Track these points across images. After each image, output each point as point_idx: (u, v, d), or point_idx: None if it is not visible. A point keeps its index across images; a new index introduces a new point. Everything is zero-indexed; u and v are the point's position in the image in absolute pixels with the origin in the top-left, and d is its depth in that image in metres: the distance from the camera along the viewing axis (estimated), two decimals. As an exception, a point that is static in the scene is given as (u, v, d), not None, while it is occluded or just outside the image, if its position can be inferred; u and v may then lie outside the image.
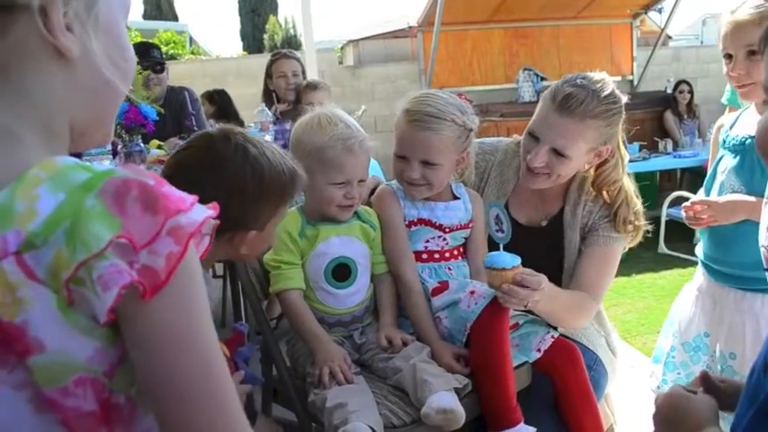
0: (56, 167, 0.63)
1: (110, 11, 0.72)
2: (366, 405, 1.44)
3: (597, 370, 1.81)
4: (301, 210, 1.70)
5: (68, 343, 0.62)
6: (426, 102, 1.65)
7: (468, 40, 6.91)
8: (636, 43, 7.37)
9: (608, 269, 1.79)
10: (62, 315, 0.61)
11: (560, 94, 1.67)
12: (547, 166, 1.71)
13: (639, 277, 4.49)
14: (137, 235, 0.61)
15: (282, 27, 19.01)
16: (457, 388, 1.48)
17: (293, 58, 3.98)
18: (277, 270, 1.64)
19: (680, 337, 2.02)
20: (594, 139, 1.69)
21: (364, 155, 1.64)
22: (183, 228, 0.63)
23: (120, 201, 0.61)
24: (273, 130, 3.26)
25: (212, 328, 0.69)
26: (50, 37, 0.66)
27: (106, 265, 0.60)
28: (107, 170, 0.63)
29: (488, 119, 6.21)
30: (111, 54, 0.72)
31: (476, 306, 1.53)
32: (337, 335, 1.67)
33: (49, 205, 0.60)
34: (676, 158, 5.86)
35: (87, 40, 0.70)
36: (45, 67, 0.68)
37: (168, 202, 0.63)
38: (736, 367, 1.84)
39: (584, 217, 1.79)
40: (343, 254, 1.65)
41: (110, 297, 0.59)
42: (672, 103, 6.41)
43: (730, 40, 1.77)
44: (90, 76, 0.71)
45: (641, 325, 3.77)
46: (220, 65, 7.36)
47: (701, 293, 1.98)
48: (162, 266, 0.61)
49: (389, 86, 6.83)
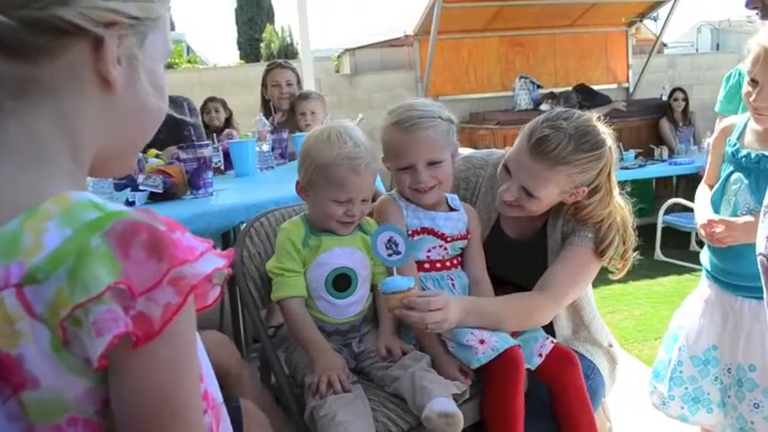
0: (68, 203, 0.63)
1: (154, 52, 0.74)
2: (358, 415, 1.45)
3: (594, 379, 1.82)
4: (305, 219, 1.71)
5: (60, 382, 0.61)
6: (409, 108, 1.68)
7: (465, 48, 6.93)
8: (631, 51, 7.41)
9: (574, 268, 1.71)
10: (55, 354, 0.60)
11: (535, 135, 1.63)
12: (518, 201, 1.70)
13: (635, 284, 4.51)
14: (136, 281, 0.59)
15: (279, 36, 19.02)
16: (455, 394, 1.49)
17: (288, 68, 3.99)
18: (279, 277, 1.65)
19: (687, 351, 1.99)
20: (566, 183, 1.65)
21: (370, 176, 1.64)
22: (187, 278, 0.62)
23: (126, 244, 0.60)
24: (271, 139, 3.26)
25: (198, 389, 0.68)
26: (101, 67, 0.68)
27: (103, 310, 0.59)
28: (118, 211, 0.63)
29: (485, 126, 6.23)
30: (152, 90, 0.74)
31: (483, 356, 1.54)
32: (335, 344, 1.67)
33: (55, 241, 0.60)
34: (672, 165, 5.88)
35: (133, 75, 0.71)
36: (88, 93, 0.69)
37: (176, 251, 0.62)
38: (758, 380, 1.82)
39: (564, 225, 1.77)
40: (345, 264, 1.66)
41: (102, 344, 0.58)
42: (667, 111, 6.43)
43: (760, 68, 1.71)
44: (127, 110, 0.72)
45: (638, 332, 3.78)
46: (217, 74, 7.38)
47: (708, 305, 1.95)
48: (158, 316, 0.60)
49: (386, 95, 6.84)
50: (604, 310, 3.14)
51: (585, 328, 1.89)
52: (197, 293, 0.65)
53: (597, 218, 1.70)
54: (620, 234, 1.71)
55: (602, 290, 4.16)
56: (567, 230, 1.77)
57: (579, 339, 1.88)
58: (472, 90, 6.93)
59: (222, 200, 2.37)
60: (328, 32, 39.40)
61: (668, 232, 5.22)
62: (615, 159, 1.72)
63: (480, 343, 1.55)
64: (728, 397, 1.90)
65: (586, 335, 1.89)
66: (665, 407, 2.06)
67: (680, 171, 5.90)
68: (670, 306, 4.13)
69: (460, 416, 1.42)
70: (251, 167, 2.99)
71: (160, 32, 0.74)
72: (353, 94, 6.83)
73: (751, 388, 1.84)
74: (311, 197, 1.67)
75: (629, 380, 2.92)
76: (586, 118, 1.67)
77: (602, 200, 1.70)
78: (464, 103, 6.70)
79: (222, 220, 2.21)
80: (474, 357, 1.55)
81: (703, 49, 13.81)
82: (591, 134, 1.64)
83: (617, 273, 1.76)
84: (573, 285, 1.72)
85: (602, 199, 1.70)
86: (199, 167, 2.40)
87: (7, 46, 0.63)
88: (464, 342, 1.57)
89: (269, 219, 1.86)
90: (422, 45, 6.73)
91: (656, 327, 3.83)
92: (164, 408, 0.63)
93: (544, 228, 1.82)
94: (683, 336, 2.01)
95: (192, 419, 0.66)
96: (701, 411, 1.99)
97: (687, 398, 2.00)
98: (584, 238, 1.71)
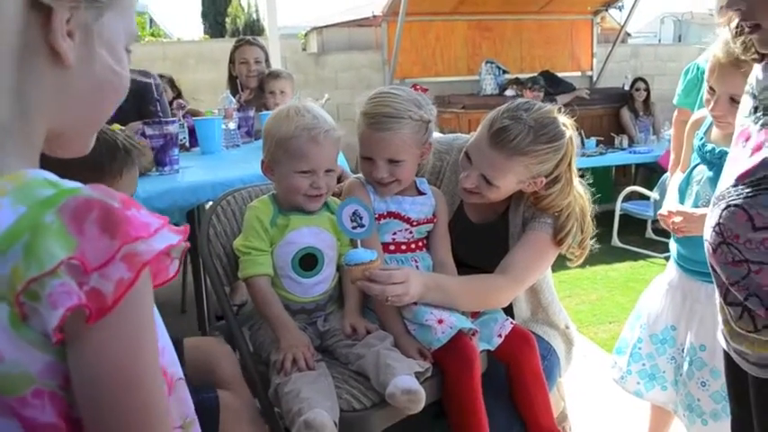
0: (23, 180, 0.63)
1: (114, 30, 0.72)
2: (322, 392, 1.47)
3: (550, 360, 1.87)
4: (273, 198, 1.73)
5: (22, 356, 0.61)
6: (382, 102, 1.67)
7: (432, 31, 6.93)
8: (596, 39, 7.49)
9: (534, 252, 1.75)
10: (14, 329, 0.61)
11: (495, 125, 1.67)
12: (477, 188, 1.73)
13: (592, 269, 4.62)
14: (90, 257, 0.60)
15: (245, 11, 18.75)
16: (418, 372, 1.53)
17: (256, 45, 3.96)
18: (247, 256, 1.67)
19: (648, 329, 2.08)
20: (523, 173, 1.69)
21: (330, 145, 1.67)
22: (139, 255, 0.62)
23: (79, 220, 0.60)
24: (237, 117, 3.25)
25: (158, 364, 0.68)
26: (51, 39, 0.66)
27: (57, 283, 0.59)
28: (72, 188, 0.63)
29: (450, 110, 6.26)
30: (109, 70, 0.73)
31: (442, 335, 1.57)
32: (300, 322, 1.70)
33: (9, 218, 0.60)
34: (631, 154, 6.01)
35: (88, 51, 0.70)
36: (38, 67, 0.67)
37: (129, 227, 0.62)
38: (706, 359, 1.91)
39: (526, 211, 1.81)
40: (312, 244, 1.69)
41: (56, 316, 0.59)
42: (628, 100, 6.55)
43: (715, 79, 1.78)
44: (83, 85, 0.71)
45: (593, 315, 3.89)
46: (181, 48, 7.25)
47: (671, 288, 2.04)
48: (110, 291, 0.60)
49: (353, 74, 6.83)
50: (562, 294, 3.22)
51: (543, 311, 1.94)
52: (153, 269, 0.65)
53: (557, 208, 1.74)
54: (579, 223, 1.76)
55: (560, 274, 4.26)
56: (527, 216, 1.81)
57: (537, 321, 1.93)
58: (438, 73, 6.94)
59: (188, 177, 2.37)
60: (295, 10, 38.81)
61: (625, 219, 5.35)
62: (576, 150, 1.76)
63: (439, 323, 1.59)
64: (680, 375, 1.99)
65: (544, 317, 1.94)
66: (622, 381, 2.15)
67: (639, 160, 6.04)
68: (625, 291, 4.26)
69: (423, 393, 1.46)
70: (217, 145, 2.98)
71: (121, 11, 0.73)
72: (320, 73, 6.79)
73: (700, 366, 1.93)
74: (276, 174, 1.70)
75: (584, 361, 3.01)
76: (547, 110, 1.71)
77: (563, 190, 1.73)
78: (430, 85, 6.61)
79: (188, 197, 2.21)
80: (434, 338, 1.58)
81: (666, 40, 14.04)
82: (550, 126, 1.68)
83: (575, 260, 1.81)
84: (532, 269, 1.76)
85: (563, 189, 1.73)
86: (165, 144, 2.39)
87: None
88: (423, 322, 1.61)
89: (236, 197, 1.87)
90: (390, 26, 6.71)
91: (611, 311, 3.94)
92: (121, 380, 0.64)
93: (506, 213, 1.86)
94: (646, 315, 2.10)
95: (151, 391, 0.66)
96: (656, 388, 2.08)
97: (644, 374, 2.09)
98: (543, 224, 1.76)
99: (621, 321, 3.64)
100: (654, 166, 5.83)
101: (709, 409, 1.92)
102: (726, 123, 1.79)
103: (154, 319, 0.68)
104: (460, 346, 1.58)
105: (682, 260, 1.99)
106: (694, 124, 2.02)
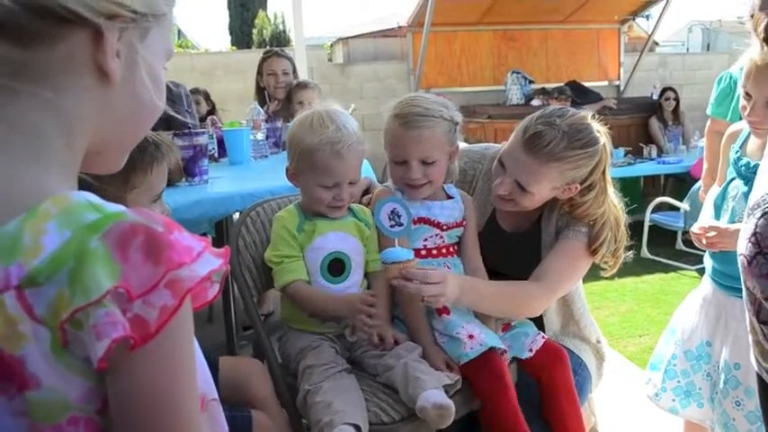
0: (67, 204, 0.63)
1: (156, 49, 0.73)
2: (352, 404, 1.47)
3: (582, 375, 1.85)
4: (298, 207, 1.73)
5: (61, 383, 0.62)
6: (413, 103, 1.68)
7: (458, 41, 6.93)
8: (623, 49, 7.44)
9: (568, 261, 1.74)
10: (55, 356, 0.61)
11: (530, 131, 1.67)
12: (511, 194, 1.73)
13: (622, 281, 4.56)
14: (134, 284, 0.60)
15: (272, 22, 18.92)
16: (447, 385, 1.52)
17: (284, 57, 3.98)
18: (280, 265, 1.66)
19: (682, 346, 2.03)
20: (558, 179, 1.69)
21: (354, 158, 1.65)
22: (183, 281, 0.62)
23: (124, 246, 0.60)
24: (265, 128, 3.27)
25: (195, 389, 0.69)
26: (100, 59, 0.67)
27: (102, 313, 0.59)
28: (116, 212, 0.63)
29: (476, 120, 6.25)
30: (150, 89, 0.74)
31: (471, 351, 1.57)
32: (330, 330, 1.70)
33: (54, 243, 0.60)
34: (660, 164, 5.94)
35: (132, 70, 0.71)
36: (85, 84, 0.68)
37: (173, 253, 0.62)
38: (741, 377, 1.86)
39: (559, 220, 1.80)
40: (339, 249, 1.68)
41: (102, 347, 0.59)
42: (657, 110, 6.48)
43: (752, 84, 1.74)
44: (125, 104, 0.72)
45: (622, 328, 3.83)
46: (209, 59, 7.33)
47: (705, 303, 1.99)
48: (154, 318, 0.61)
49: (378, 85, 6.84)
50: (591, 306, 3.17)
51: (575, 323, 1.92)
52: (194, 293, 0.65)
53: (591, 216, 1.73)
54: (613, 232, 1.74)
55: (589, 286, 4.21)
56: (561, 225, 1.79)
57: (568, 335, 1.91)
58: (464, 83, 6.93)
59: (218, 188, 2.38)
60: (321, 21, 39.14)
61: (655, 231, 5.28)
62: (610, 158, 1.74)
63: (469, 338, 1.58)
64: (716, 393, 1.95)
65: (575, 330, 1.92)
66: (657, 398, 2.10)
67: (668, 170, 5.96)
68: (655, 304, 4.20)
69: (452, 407, 1.45)
70: (245, 156, 2.99)
71: (163, 31, 0.74)
72: (345, 84, 6.82)
73: (735, 386, 1.88)
74: (301, 183, 1.70)
75: (614, 375, 2.96)
76: (581, 116, 1.70)
77: (597, 198, 1.72)
78: (455, 96, 6.68)
79: (218, 207, 2.22)
80: (462, 352, 1.57)
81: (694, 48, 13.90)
82: (584, 132, 1.67)
83: (608, 270, 1.79)
84: (566, 278, 1.75)
85: (597, 197, 1.72)
86: (195, 155, 2.41)
87: (6, 29, 0.62)
88: (454, 334, 1.60)
89: (264, 208, 1.88)
90: (415, 36, 6.73)
91: (641, 324, 3.88)
92: (160, 408, 0.64)
93: (538, 221, 1.85)
94: (680, 331, 2.06)
95: (188, 419, 0.66)
96: (692, 405, 2.03)
97: (679, 391, 2.05)
98: (578, 233, 1.74)
99: (652, 334, 3.61)
100: (684, 177, 5.75)
101: (744, 429, 1.87)
102: (763, 130, 1.76)
103: (194, 344, 0.69)
104: (491, 364, 1.56)
105: (716, 275, 1.95)
106: (730, 137, 1.98)
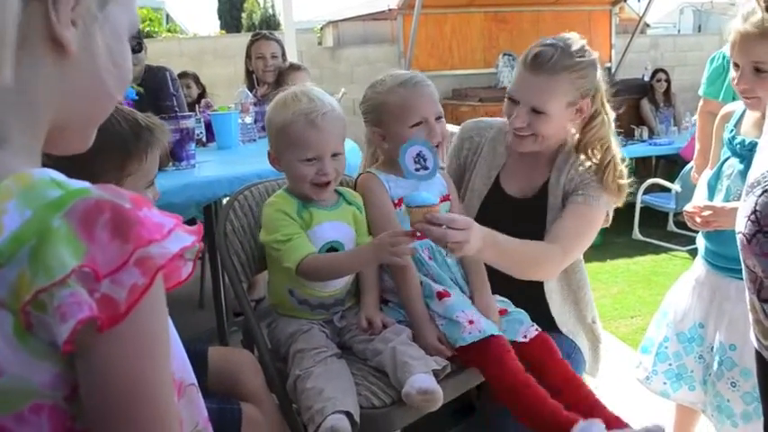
0: (29, 181, 0.59)
1: (116, 24, 0.70)
2: (343, 390, 1.45)
3: (576, 359, 1.85)
4: (289, 192, 1.68)
5: (24, 369, 0.58)
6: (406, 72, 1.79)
7: (448, 23, 6.89)
8: (614, 30, 7.41)
9: (584, 226, 1.76)
10: (18, 340, 0.58)
11: (530, 55, 1.74)
12: (529, 127, 1.75)
13: (613, 263, 4.56)
14: (101, 263, 0.57)
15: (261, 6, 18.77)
16: (436, 370, 1.50)
17: (273, 40, 3.94)
18: (287, 243, 1.58)
19: (674, 328, 2.02)
20: (570, 92, 1.73)
21: (332, 127, 1.59)
22: (153, 259, 0.59)
23: (89, 224, 0.57)
24: (254, 111, 3.23)
25: (170, 371, 0.66)
26: (55, 28, 0.63)
27: (66, 294, 0.56)
28: (80, 188, 0.60)
29: (467, 103, 6.22)
30: (111, 62, 0.70)
31: (469, 336, 1.55)
32: (318, 317, 1.68)
33: (15, 222, 0.57)
34: (652, 146, 5.94)
35: (90, 41, 0.67)
36: (40, 56, 0.64)
37: (142, 230, 0.59)
38: (736, 358, 1.86)
39: (567, 183, 1.80)
40: (335, 238, 1.66)
41: (66, 329, 0.56)
42: (648, 91, 6.47)
43: (737, 52, 1.73)
44: (84, 76, 0.68)
45: (614, 310, 3.84)
46: (198, 43, 7.26)
47: (698, 284, 1.98)
48: (123, 298, 0.58)
49: (368, 69, 6.79)
50: (582, 288, 3.18)
51: (573, 303, 1.91)
52: (166, 272, 0.62)
53: (604, 140, 1.79)
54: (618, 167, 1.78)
55: (581, 268, 4.21)
56: (569, 188, 1.80)
57: (564, 313, 1.89)
58: (455, 66, 6.90)
59: (205, 172, 2.36)
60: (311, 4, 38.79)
61: (646, 212, 5.28)
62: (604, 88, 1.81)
63: (469, 323, 1.56)
64: (709, 375, 1.94)
65: (572, 305, 1.90)
66: (648, 382, 2.09)
67: (659, 152, 5.97)
68: (647, 285, 4.21)
69: (440, 392, 1.44)
70: (233, 140, 2.97)
71: (124, 5, 0.70)
72: (335, 68, 6.77)
73: (730, 367, 1.87)
74: (283, 165, 1.65)
75: (606, 356, 2.96)
76: (570, 35, 1.78)
77: (603, 122, 1.79)
78: (447, 79, 6.67)
79: (205, 192, 2.20)
80: (460, 336, 1.56)
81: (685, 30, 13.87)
82: (577, 43, 1.75)
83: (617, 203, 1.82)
84: (579, 240, 1.76)
85: (603, 122, 1.79)
86: (182, 139, 2.38)
87: None
88: (453, 317, 1.58)
89: (252, 192, 1.85)
90: (405, 19, 6.67)
91: (633, 305, 3.89)
92: (132, 391, 0.61)
93: (545, 185, 1.84)
94: (672, 313, 2.05)
95: (162, 402, 0.64)
96: (684, 388, 2.03)
97: (670, 374, 2.04)
98: (589, 198, 1.75)
99: (643, 315, 3.61)
100: (675, 158, 5.75)
101: (740, 410, 1.87)
102: (755, 99, 1.75)
103: (168, 325, 0.66)
104: (492, 346, 1.54)
105: (709, 256, 1.94)
106: (724, 117, 1.96)
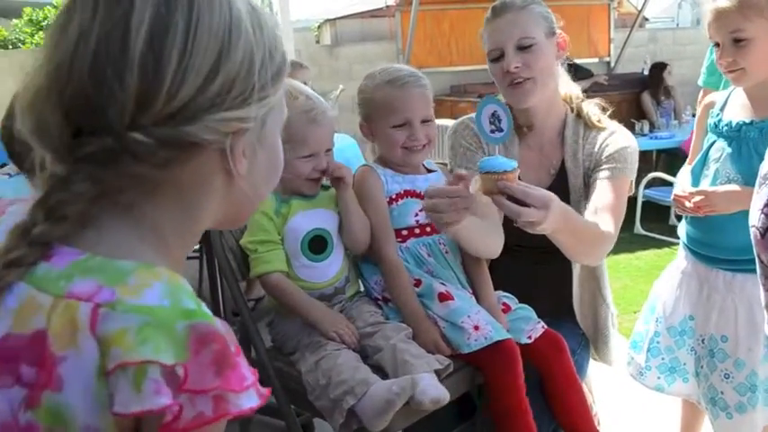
0: (177, 282, 0.65)
1: (274, 128, 0.77)
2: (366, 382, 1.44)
3: (582, 355, 1.83)
4: None
5: (79, 401, 0.61)
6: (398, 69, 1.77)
7: (447, 20, 6.86)
8: (613, 24, 7.38)
9: (619, 199, 1.68)
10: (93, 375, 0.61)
11: (496, 6, 1.74)
12: (523, 67, 1.70)
13: (615, 258, 4.53)
14: (192, 377, 0.61)
15: (258, 5, 18.79)
16: (438, 369, 1.47)
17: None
18: (255, 254, 1.61)
19: (664, 322, 1.99)
20: (543, 23, 1.75)
21: (329, 124, 1.64)
22: (227, 404, 0.63)
23: (201, 344, 0.62)
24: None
25: None
26: (228, 165, 0.70)
27: (159, 378, 0.59)
28: (208, 315, 0.65)
29: (466, 99, 6.19)
30: (268, 169, 0.78)
31: (474, 343, 1.52)
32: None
33: (152, 299, 0.62)
34: (653, 140, 5.90)
35: (253, 159, 0.74)
36: (214, 186, 0.72)
37: (232, 374, 0.63)
38: (729, 350, 1.84)
39: (586, 160, 1.75)
40: (318, 225, 1.64)
41: (141, 404, 0.59)
42: (652, 84, 6.43)
43: (714, 29, 1.75)
44: (243, 190, 0.75)
45: (617, 305, 3.75)
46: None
47: (684, 276, 1.95)
48: (189, 417, 0.61)
49: (367, 66, 6.64)
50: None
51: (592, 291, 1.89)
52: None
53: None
54: None
55: (583, 263, 4.18)
56: (589, 164, 1.75)
57: (585, 302, 1.87)
58: (453, 62, 6.87)
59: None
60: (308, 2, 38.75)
61: (648, 206, 5.25)
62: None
63: (475, 329, 1.53)
64: (701, 367, 1.92)
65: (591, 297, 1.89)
66: (642, 377, 2.07)
67: (660, 145, 5.93)
68: (649, 279, 4.14)
69: (448, 396, 1.42)
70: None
71: (278, 110, 0.76)
72: (334, 65, 6.75)
73: (722, 358, 1.86)
74: None
75: (609, 352, 2.94)
76: None
77: None
78: (445, 75, 6.65)
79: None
80: (465, 342, 1.52)
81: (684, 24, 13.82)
82: None
83: None
84: (620, 215, 1.68)
85: None
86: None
87: (144, 158, 0.65)
88: (458, 323, 1.55)
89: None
90: (403, 16, 6.65)
91: (636, 300, 3.86)
92: None
93: (562, 169, 1.79)
94: (661, 307, 2.02)
95: None
96: (678, 381, 2.01)
97: (664, 368, 2.02)
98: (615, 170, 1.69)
99: (647, 310, 3.58)
100: (676, 152, 5.72)
101: (734, 402, 1.84)
102: (739, 71, 1.73)
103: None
104: (497, 354, 1.51)
105: (693, 244, 1.90)
106: (706, 107, 1.93)
